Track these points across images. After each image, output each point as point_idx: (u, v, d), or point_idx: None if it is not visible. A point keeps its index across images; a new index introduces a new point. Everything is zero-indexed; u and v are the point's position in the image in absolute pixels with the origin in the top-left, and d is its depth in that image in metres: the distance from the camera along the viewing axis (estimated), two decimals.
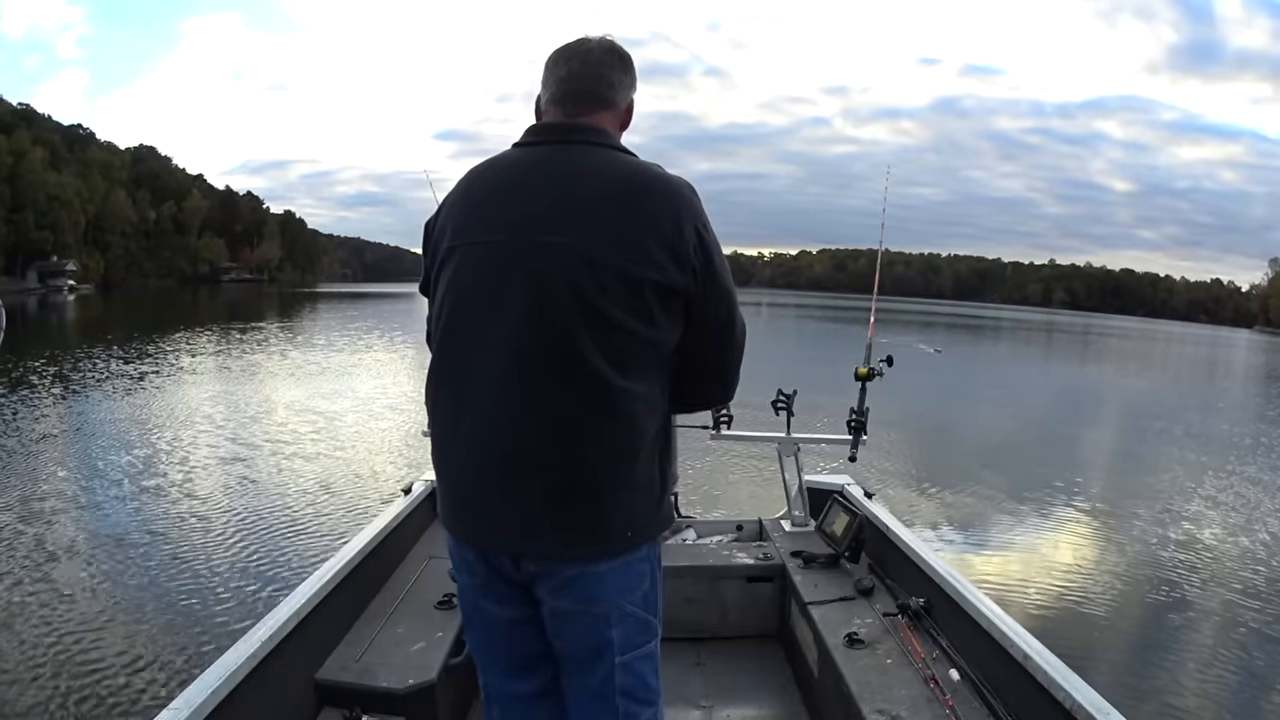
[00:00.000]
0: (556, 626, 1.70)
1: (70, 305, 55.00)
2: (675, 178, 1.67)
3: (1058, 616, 5.85)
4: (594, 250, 1.57)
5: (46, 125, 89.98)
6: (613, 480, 1.62)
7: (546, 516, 1.61)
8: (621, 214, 1.59)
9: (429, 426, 1.77)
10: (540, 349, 1.57)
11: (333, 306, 59.86)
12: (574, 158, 1.67)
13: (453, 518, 1.74)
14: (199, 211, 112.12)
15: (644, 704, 1.75)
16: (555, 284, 1.57)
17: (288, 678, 2.44)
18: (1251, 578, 7.01)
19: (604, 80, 1.72)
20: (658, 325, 1.61)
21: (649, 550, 1.72)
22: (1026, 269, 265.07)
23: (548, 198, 1.62)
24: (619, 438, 1.61)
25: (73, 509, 7.91)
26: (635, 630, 1.71)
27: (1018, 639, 2.37)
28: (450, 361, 1.70)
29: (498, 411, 1.61)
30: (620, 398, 1.59)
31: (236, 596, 5.88)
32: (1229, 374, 40.75)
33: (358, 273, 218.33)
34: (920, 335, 43.17)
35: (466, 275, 1.67)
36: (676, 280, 1.60)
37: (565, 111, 1.72)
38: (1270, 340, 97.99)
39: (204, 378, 18.24)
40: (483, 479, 1.64)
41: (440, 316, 1.71)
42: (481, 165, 1.76)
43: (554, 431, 1.59)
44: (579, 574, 1.64)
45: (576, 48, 1.74)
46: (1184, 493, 10.26)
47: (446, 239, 1.71)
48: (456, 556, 1.76)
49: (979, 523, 8.20)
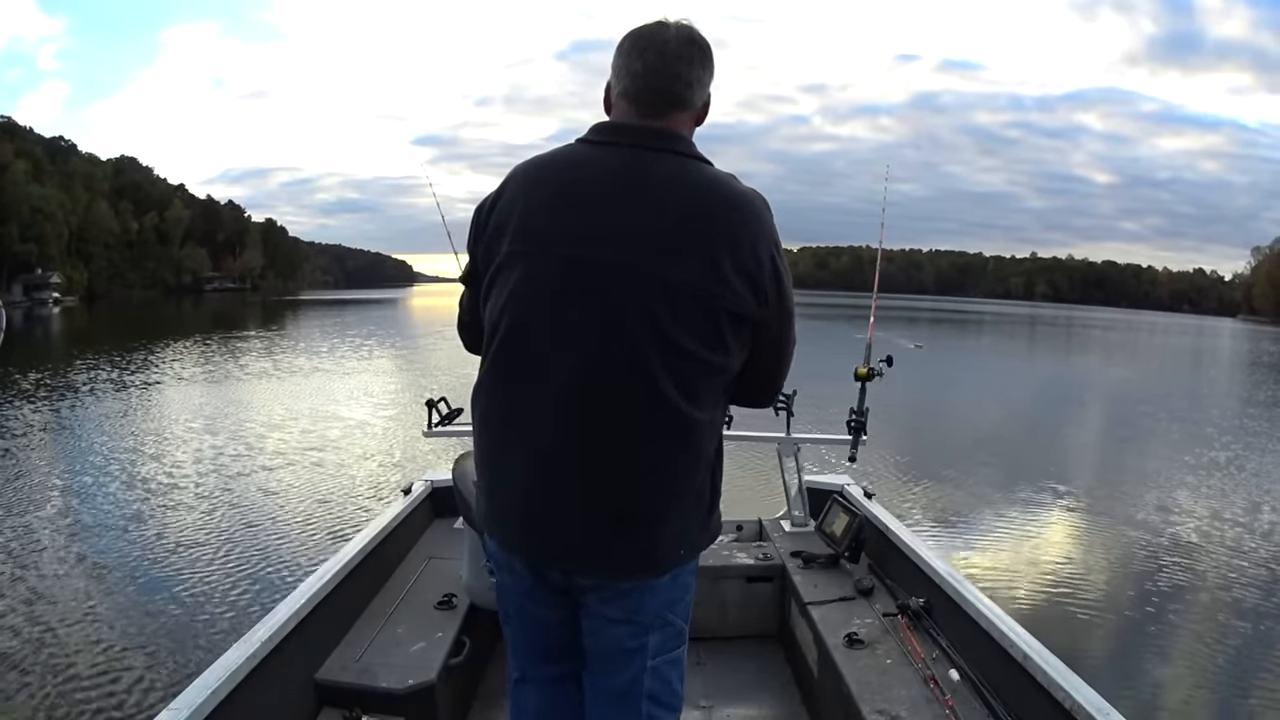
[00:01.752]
0: (595, 628, 1.70)
1: (56, 318, 54.59)
2: (752, 194, 1.60)
3: (1058, 616, 5.86)
4: (670, 274, 1.50)
5: (29, 138, 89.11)
6: (675, 506, 1.59)
7: (609, 541, 1.59)
8: (699, 236, 1.52)
9: (476, 434, 1.69)
10: (610, 376, 1.51)
11: (316, 314, 59.67)
12: (650, 167, 1.56)
13: (501, 529, 1.69)
14: (181, 221, 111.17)
15: (668, 709, 1.76)
16: (629, 310, 1.50)
17: (288, 678, 2.43)
18: (1249, 570, 7.06)
19: (682, 79, 1.60)
20: (728, 352, 1.56)
21: (694, 563, 1.73)
22: (1008, 263, 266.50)
23: (621, 212, 1.53)
24: (684, 466, 1.58)
25: (72, 514, 7.93)
26: (670, 636, 1.72)
27: (1017, 639, 2.37)
28: (508, 376, 1.60)
29: (562, 436, 1.54)
30: (689, 427, 1.55)
31: (236, 597, 5.91)
32: (1215, 362, 41.06)
33: (339, 280, 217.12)
34: (902, 331, 43.25)
35: (531, 288, 1.56)
36: (750, 309, 1.56)
37: (639, 111, 1.61)
38: (1254, 329, 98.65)
39: (195, 386, 18.19)
40: (541, 499, 1.59)
41: (499, 327, 1.60)
42: (546, 158, 1.65)
43: (621, 460, 1.54)
44: (632, 588, 1.64)
45: (654, 36, 1.60)
46: (1178, 485, 10.34)
47: (508, 240, 1.59)
48: (499, 559, 1.75)
49: (978, 522, 8.24)
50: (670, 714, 1.77)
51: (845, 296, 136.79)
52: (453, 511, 3.73)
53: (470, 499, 2.69)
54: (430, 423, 3.93)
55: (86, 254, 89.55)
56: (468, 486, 2.77)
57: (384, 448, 11.02)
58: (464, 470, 2.86)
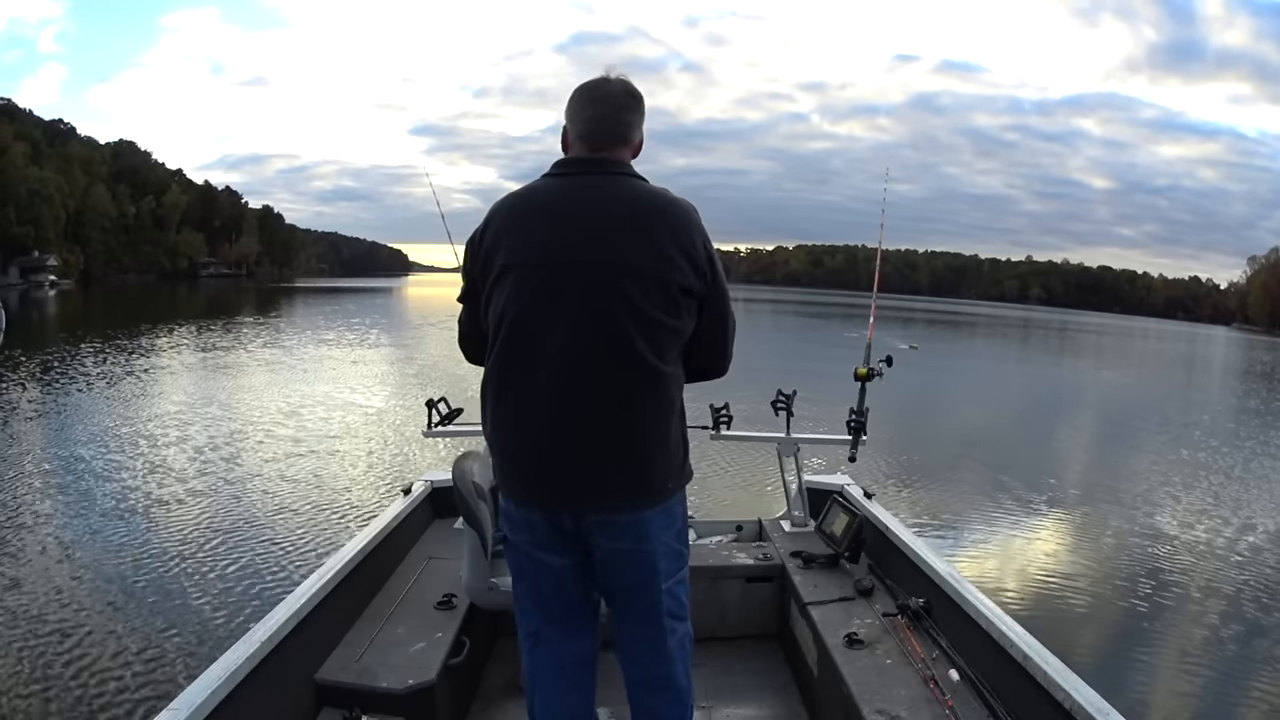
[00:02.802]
0: (611, 566, 2.10)
1: (52, 300, 54.35)
2: (683, 200, 2.05)
3: (1058, 616, 5.89)
4: (634, 262, 1.94)
5: (28, 120, 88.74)
6: (656, 444, 2.02)
7: (609, 478, 1.99)
8: (650, 233, 1.97)
9: (491, 415, 2.07)
10: (599, 343, 1.93)
11: (312, 301, 59.43)
12: (606, 187, 2.02)
13: (521, 486, 2.06)
14: (178, 206, 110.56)
15: (680, 619, 2.20)
16: (607, 291, 1.93)
17: (288, 678, 2.45)
18: (1246, 570, 7.11)
19: (624, 122, 2.07)
20: (682, 318, 2.01)
21: (680, 496, 2.13)
22: (1003, 265, 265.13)
23: (589, 221, 1.97)
24: (661, 410, 2.01)
25: (70, 510, 7.89)
26: (674, 560, 2.14)
27: (1017, 639, 2.39)
28: (517, 360, 2.00)
29: (566, 398, 1.95)
30: (661, 378, 1.98)
31: (236, 596, 5.89)
32: (1208, 369, 41.13)
33: (335, 268, 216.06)
34: (896, 331, 43.24)
35: (526, 289, 1.97)
36: (694, 284, 2.00)
37: (592, 148, 2.06)
38: (1248, 337, 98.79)
39: (191, 377, 18.11)
40: (554, 453, 1.98)
41: (502, 324, 2.00)
42: (522, 192, 2.08)
43: (613, 409, 1.96)
44: (632, 520, 2.03)
45: (601, 89, 2.07)
46: (1174, 487, 10.40)
47: (500, 258, 2.00)
48: (517, 518, 2.09)
49: (977, 522, 8.27)
50: (682, 623, 2.21)
51: (840, 295, 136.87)
52: (453, 511, 3.73)
53: (470, 498, 2.74)
54: (430, 423, 3.95)
55: (83, 237, 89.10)
56: (468, 486, 2.80)
57: (384, 448, 10.96)
58: (464, 470, 2.88)
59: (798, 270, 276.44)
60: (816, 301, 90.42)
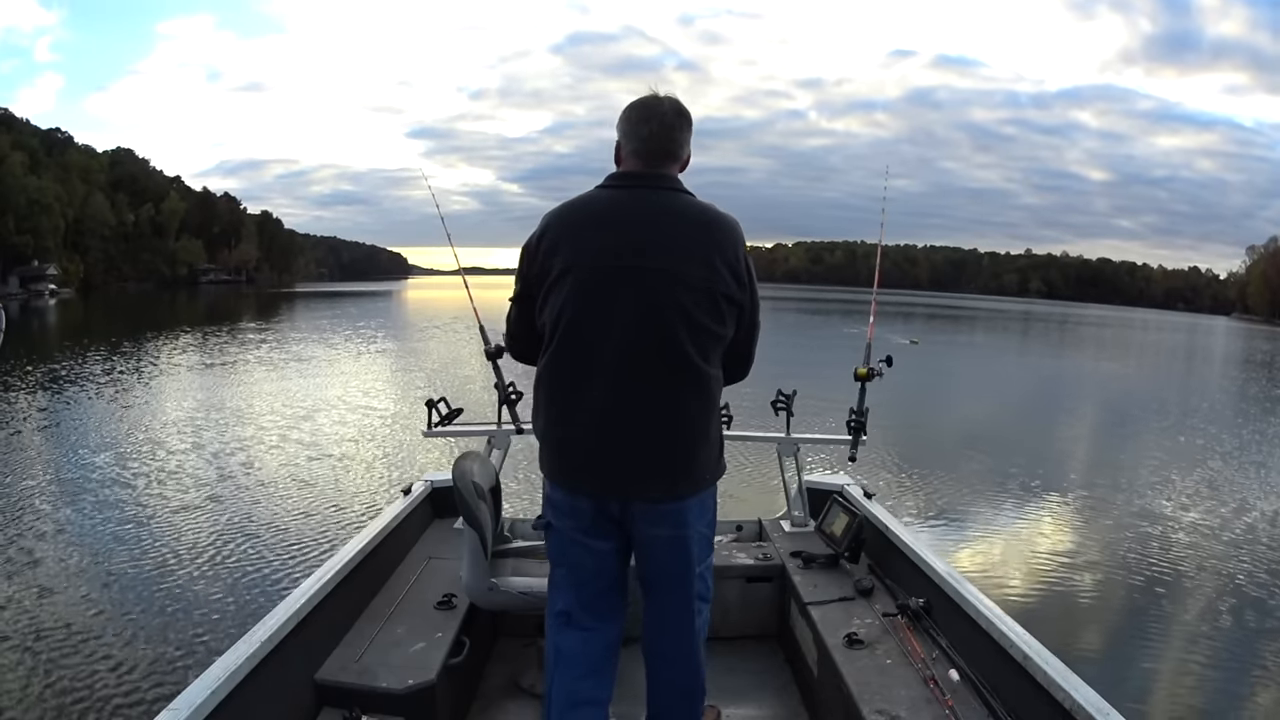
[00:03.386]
0: (650, 551, 2.28)
1: (53, 310, 54.42)
2: (728, 215, 2.22)
3: (1058, 616, 5.88)
4: (685, 271, 2.12)
5: (25, 130, 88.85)
6: (698, 440, 2.21)
7: (654, 469, 2.18)
8: (699, 244, 2.15)
9: (545, 407, 2.23)
10: (650, 345, 2.11)
11: (313, 306, 59.51)
12: (657, 200, 2.20)
13: (572, 475, 2.23)
14: (177, 213, 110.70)
15: (705, 602, 2.40)
16: (660, 297, 2.11)
17: (288, 678, 2.45)
18: (1247, 569, 7.06)
19: (674, 140, 2.23)
20: (725, 325, 2.19)
21: (713, 488, 2.33)
22: (1003, 259, 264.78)
23: (642, 231, 2.15)
24: (704, 408, 2.20)
25: (71, 511, 7.93)
26: (705, 546, 2.35)
27: (1017, 639, 2.39)
28: (572, 357, 2.16)
29: (618, 394, 2.13)
30: (705, 379, 2.18)
31: (236, 596, 5.93)
32: (1208, 359, 41.15)
33: (334, 272, 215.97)
34: (897, 326, 43.28)
35: (584, 290, 2.14)
36: (737, 294, 2.19)
37: (645, 164, 2.22)
38: (1248, 327, 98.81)
39: (192, 383, 18.16)
40: (605, 444, 2.16)
41: (559, 322, 2.16)
42: (577, 201, 2.24)
43: (662, 406, 2.14)
44: (673, 508, 2.22)
45: (652, 109, 2.22)
46: (1175, 483, 10.36)
47: (558, 262, 2.16)
48: (564, 504, 2.26)
49: (977, 522, 8.25)
50: (707, 606, 2.41)
51: (840, 291, 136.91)
52: (453, 511, 3.73)
53: (470, 499, 2.76)
54: (430, 423, 3.95)
55: (83, 246, 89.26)
56: (468, 486, 2.81)
57: (384, 448, 11.01)
58: (464, 470, 2.88)
59: (797, 267, 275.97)
60: (816, 298, 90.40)
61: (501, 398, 3.95)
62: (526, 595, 2.88)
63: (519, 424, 3.97)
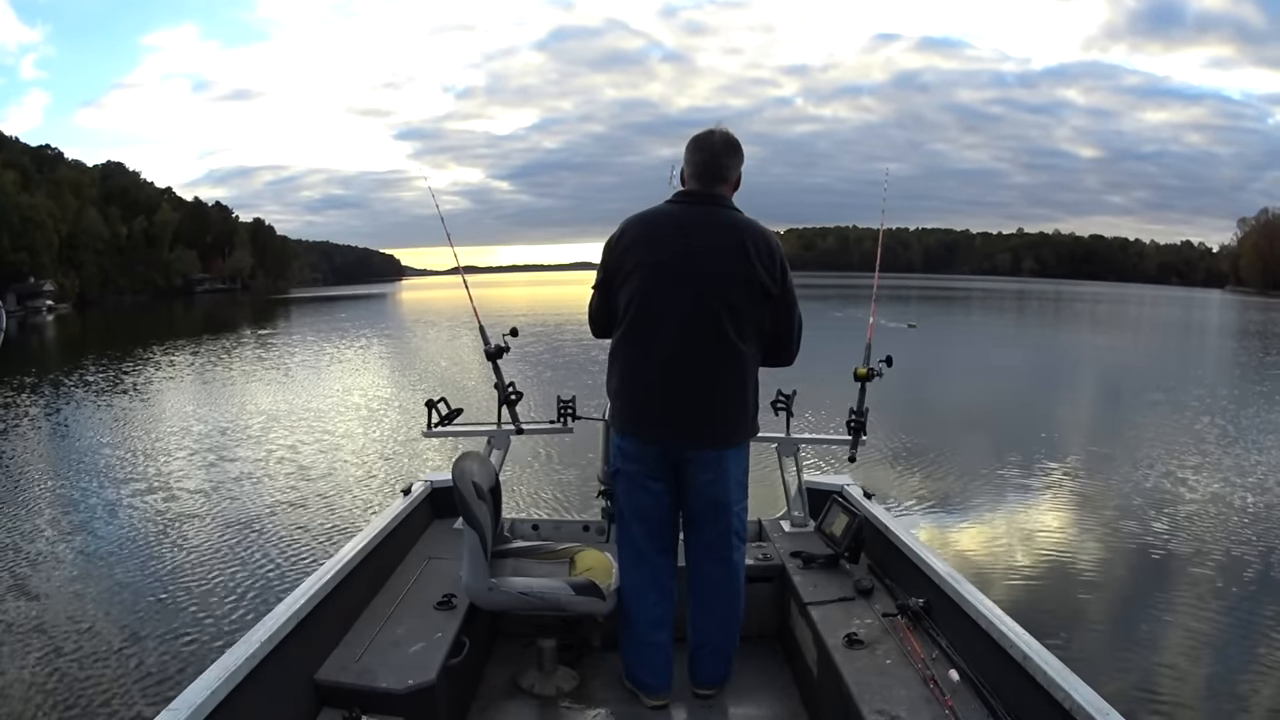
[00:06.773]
0: (698, 492, 2.85)
1: (50, 325, 54.25)
2: (768, 229, 2.84)
3: (1058, 616, 5.82)
4: (731, 268, 2.74)
5: (15, 148, 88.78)
6: (736, 401, 2.82)
7: (706, 423, 2.81)
8: (743, 248, 2.75)
9: (619, 372, 2.87)
10: (700, 324, 2.72)
11: (308, 311, 59.37)
12: (711, 214, 2.82)
13: (639, 424, 2.84)
14: (170, 224, 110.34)
15: (742, 540, 3.00)
16: (710, 286, 2.73)
17: (287, 678, 2.45)
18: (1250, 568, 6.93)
19: (724, 165, 2.85)
20: (761, 311, 2.79)
21: (748, 444, 2.96)
22: (995, 239, 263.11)
23: (699, 238, 2.76)
24: (739, 378, 2.81)
25: (72, 514, 8.02)
26: (741, 491, 2.93)
27: (1017, 639, 2.38)
28: (643, 331, 2.78)
29: (677, 363, 2.75)
30: (740, 354, 2.78)
31: (237, 597, 5.96)
32: (1204, 332, 41.14)
33: (328, 276, 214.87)
34: (893, 310, 43.15)
35: (651, 281, 2.76)
36: (772, 286, 2.78)
37: (702, 185, 2.84)
38: (1241, 299, 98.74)
39: (191, 389, 18.25)
40: (667, 400, 2.78)
41: (632, 304, 2.78)
42: (649, 212, 2.88)
43: (708, 374, 2.76)
44: (718, 456, 2.83)
45: (705, 141, 2.85)
46: (1177, 472, 10.12)
47: (632, 258, 2.80)
48: (633, 452, 2.87)
49: (978, 522, 8.17)
50: (744, 545, 3.01)
51: (834, 277, 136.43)
52: (452, 511, 3.73)
53: (469, 499, 2.81)
54: (430, 423, 3.96)
55: (77, 261, 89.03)
56: (468, 486, 2.83)
57: (384, 448, 11.02)
58: (464, 470, 2.89)
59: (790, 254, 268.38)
60: (811, 284, 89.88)
61: (501, 398, 3.97)
62: (526, 595, 2.88)
63: (519, 424, 3.99)
